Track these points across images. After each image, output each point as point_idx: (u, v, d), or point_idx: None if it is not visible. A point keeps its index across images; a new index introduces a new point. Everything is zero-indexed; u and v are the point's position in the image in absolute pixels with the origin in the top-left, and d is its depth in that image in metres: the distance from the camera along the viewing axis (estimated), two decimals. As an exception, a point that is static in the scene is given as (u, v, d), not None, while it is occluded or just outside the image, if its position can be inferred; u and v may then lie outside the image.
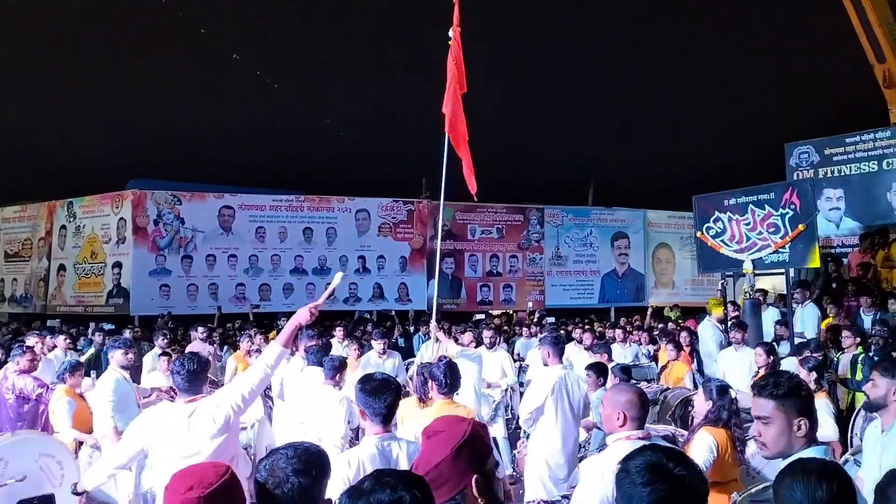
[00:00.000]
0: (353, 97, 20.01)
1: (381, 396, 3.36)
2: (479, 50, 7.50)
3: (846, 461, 4.39)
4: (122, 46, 17.91)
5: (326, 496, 2.16)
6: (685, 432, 5.07)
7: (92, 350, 10.21)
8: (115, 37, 17.46)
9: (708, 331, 9.93)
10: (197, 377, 3.82)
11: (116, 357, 6.06)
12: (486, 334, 8.59)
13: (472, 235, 20.04)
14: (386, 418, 3.40)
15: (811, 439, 2.48)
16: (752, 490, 3.71)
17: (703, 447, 4.06)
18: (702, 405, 4.39)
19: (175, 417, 3.69)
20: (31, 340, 7.76)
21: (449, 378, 4.61)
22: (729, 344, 8.70)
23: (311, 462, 2.09)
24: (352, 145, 20.90)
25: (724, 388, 4.42)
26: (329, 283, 4.08)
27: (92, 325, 12.85)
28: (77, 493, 3.82)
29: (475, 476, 2.07)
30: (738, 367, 7.77)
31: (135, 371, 9.11)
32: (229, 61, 17.34)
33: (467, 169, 7.15)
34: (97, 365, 10.99)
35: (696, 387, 8.02)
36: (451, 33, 6.98)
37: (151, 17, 16.74)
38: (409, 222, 19.37)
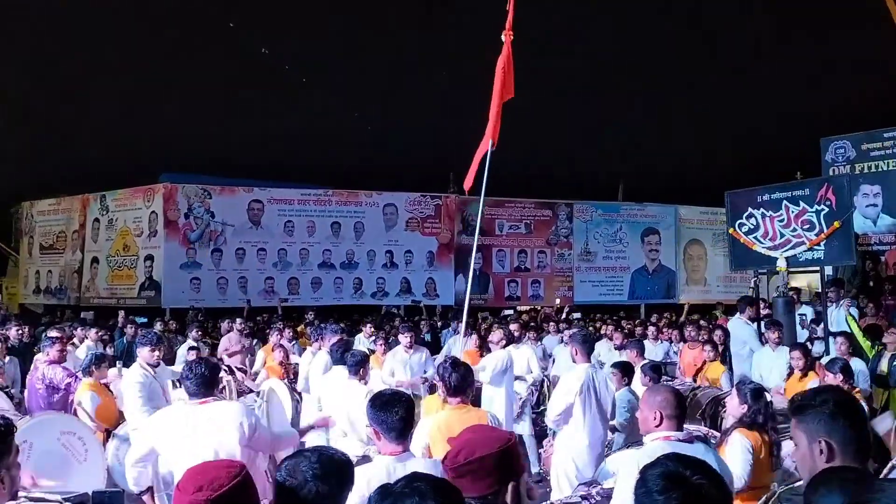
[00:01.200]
0: (382, 92, 20.01)
1: (393, 410, 3.16)
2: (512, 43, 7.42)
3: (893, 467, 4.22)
4: (155, 42, 18.10)
5: None
6: (717, 433, 4.96)
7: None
8: (148, 32, 17.65)
9: (740, 329, 9.73)
10: (206, 381, 3.81)
11: (143, 354, 5.96)
12: (513, 327, 8.52)
13: (499, 230, 19.94)
14: (401, 433, 3.18)
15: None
16: (795, 484, 3.61)
17: (740, 450, 3.96)
18: (736, 408, 4.29)
19: (187, 418, 3.71)
20: (53, 333, 7.85)
21: (454, 380, 4.32)
22: (762, 343, 8.52)
23: (332, 470, 2.05)
24: (379, 139, 20.93)
25: (758, 391, 4.32)
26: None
27: (120, 315, 12.98)
28: (141, 494, 3.89)
29: (513, 483, 2.07)
30: (775, 368, 7.59)
31: (168, 364, 9.23)
32: (259, 56, 17.45)
33: (474, 164, 7.23)
34: (129, 356, 11.18)
35: (730, 387, 7.88)
36: (503, 37, 7.04)
37: (182, 13, 16.89)
38: (437, 217, 19.33)
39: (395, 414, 3.17)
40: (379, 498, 1.67)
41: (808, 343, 8.09)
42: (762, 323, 9.08)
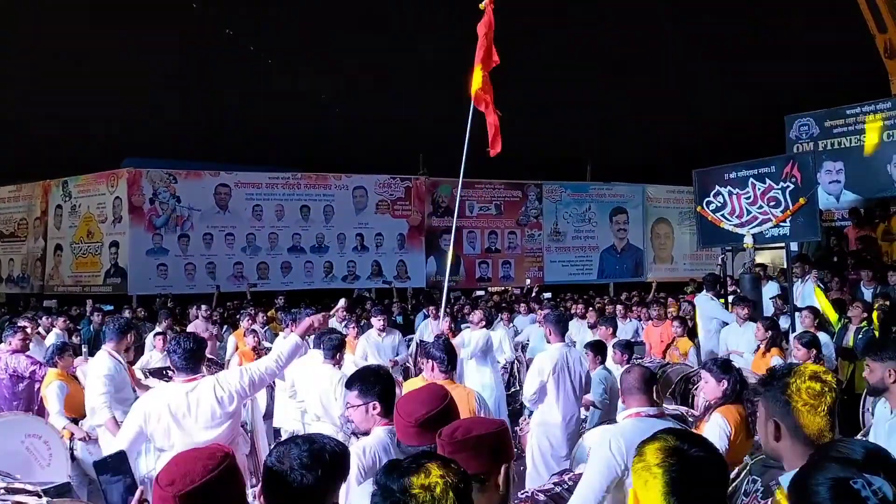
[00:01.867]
0: (350, 73, 19.80)
1: (375, 387, 3.21)
2: (477, 24, 7.39)
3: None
4: (115, 23, 17.66)
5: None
6: (694, 412, 5.04)
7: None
8: (108, 13, 17.21)
9: (707, 305, 9.89)
10: (194, 356, 3.77)
11: (111, 345, 5.75)
12: (476, 315, 8.55)
13: (470, 212, 19.95)
14: (387, 408, 3.19)
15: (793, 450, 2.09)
16: (760, 454, 3.68)
17: (715, 432, 4.01)
18: (714, 388, 4.29)
19: (175, 398, 3.65)
20: (23, 324, 7.69)
21: (446, 357, 4.53)
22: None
23: (321, 458, 2.00)
24: (348, 121, 20.72)
25: (727, 363, 4.38)
26: (335, 307, 4.12)
27: (89, 304, 12.77)
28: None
29: (505, 465, 2.10)
30: (742, 343, 7.73)
31: (136, 352, 9.10)
32: (223, 36, 17.13)
33: (493, 130, 7.37)
34: (97, 345, 11.00)
35: (699, 363, 8.01)
36: (482, 4, 7.09)
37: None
38: (407, 199, 19.27)
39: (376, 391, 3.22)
40: (385, 473, 1.68)
41: (774, 318, 8.23)
42: (729, 299, 9.24)
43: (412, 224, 19.24)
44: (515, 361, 8.79)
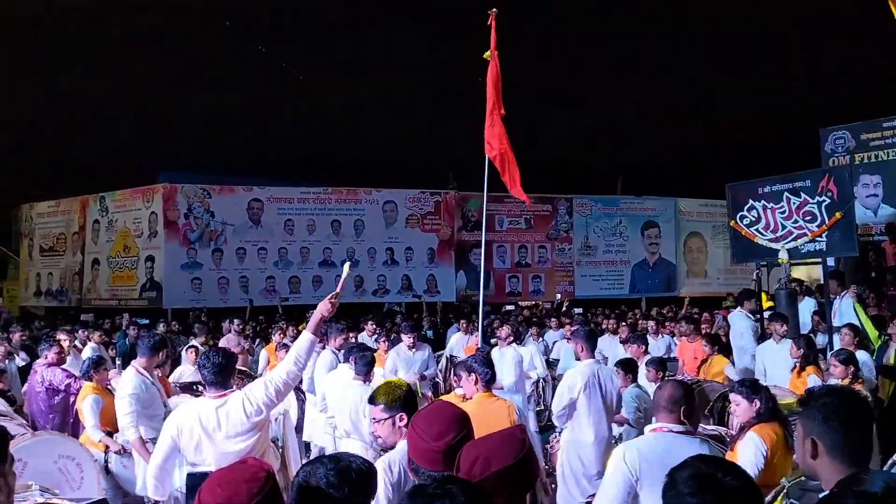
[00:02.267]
0: (381, 89, 19.96)
1: (399, 400, 3.23)
2: (508, 40, 7.42)
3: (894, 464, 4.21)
4: (150, 40, 18.04)
5: None
6: (731, 431, 4.95)
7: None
8: (144, 31, 17.58)
9: (741, 322, 9.74)
10: (224, 371, 3.80)
11: (141, 362, 5.77)
12: (504, 331, 8.50)
13: (499, 226, 19.94)
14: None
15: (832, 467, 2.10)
16: (802, 477, 3.61)
17: (751, 449, 3.94)
18: (747, 410, 4.23)
19: (205, 413, 3.69)
20: (60, 337, 7.85)
21: (485, 375, 4.60)
22: (762, 337, 8.51)
23: (348, 477, 2.00)
24: (379, 136, 20.87)
25: (755, 384, 4.33)
26: (339, 276, 4.07)
27: (125, 318, 13.00)
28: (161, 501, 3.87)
29: (528, 493, 2.11)
30: (779, 361, 7.57)
31: (172, 365, 9.23)
32: (257, 53, 17.39)
33: (515, 184, 7.47)
34: (132, 358, 11.17)
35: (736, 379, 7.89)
36: (487, 55, 7.20)
37: (180, 12, 16.82)
38: (437, 213, 19.32)
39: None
40: (410, 497, 1.68)
41: (811, 335, 8.06)
42: (765, 316, 9.07)
43: (442, 238, 19.29)
44: (541, 379, 8.70)
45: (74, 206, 19.41)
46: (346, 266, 4.15)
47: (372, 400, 3.49)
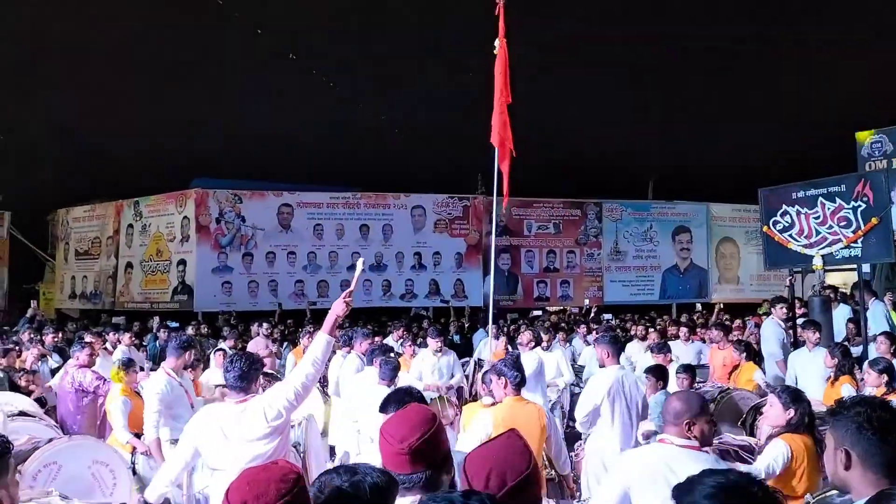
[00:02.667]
0: (407, 94, 20.02)
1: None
2: (536, 41, 7.36)
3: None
4: (181, 47, 18.32)
5: None
6: (760, 443, 4.85)
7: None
8: (174, 39, 17.87)
9: (771, 329, 9.54)
10: (247, 376, 3.82)
11: (170, 363, 5.97)
12: (525, 336, 8.42)
13: (528, 231, 19.86)
14: None
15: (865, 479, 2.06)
16: (826, 493, 3.51)
17: (774, 450, 3.87)
18: (779, 415, 4.14)
19: (226, 418, 3.71)
20: (88, 339, 7.96)
21: (515, 378, 4.59)
22: (795, 344, 8.33)
23: (360, 490, 1.97)
24: (407, 141, 20.93)
25: (797, 393, 4.23)
26: (354, 275, 4.05)
27: (155, 320, 13.19)
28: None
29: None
30: (812, 370, 7.39)
31: (204, 367, 9.32)
32: (286, 60, 17.56)
33: (506, 184, 7.34)
34: (162, 360, 11.32)
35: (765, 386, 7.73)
36: (496, 44, 7.09)
37: (209, 19, 17.07)
38: (465, 218, 19.31)
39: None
40: None
41: (845, 344, 7.86)
42: (798, 323, 8.88)
43: (470, 243, 19.26)
44: (568, 386, 8.59)
45: (109, 211, 19.77)
46: (360, 262, 4.13)
47: (383, 407, 3.47)
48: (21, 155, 19.68)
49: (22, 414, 6.05)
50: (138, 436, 6.03)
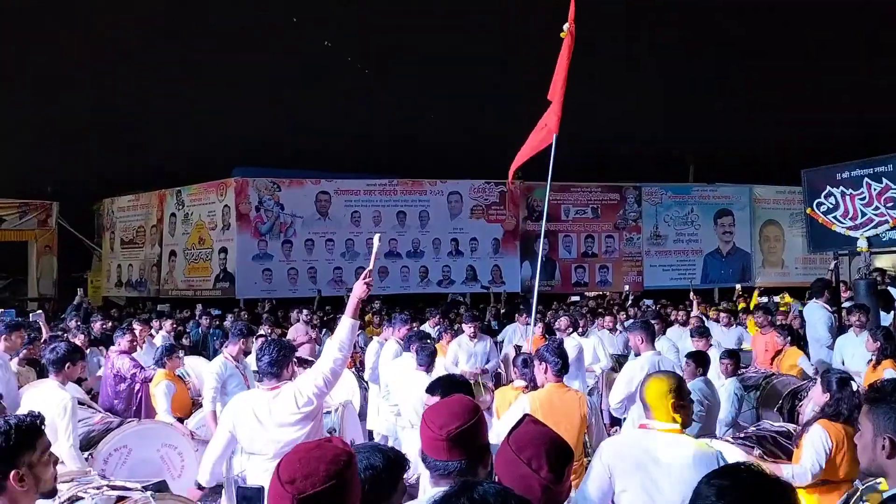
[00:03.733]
0: (445, 80, 19.98)
1: (456, 393, 3.07)
2: (577, 22, 7.23)
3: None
4: (222, 39, 18.55)
5: None
6: (796, 426, 4.76)
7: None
8: (214, 29, 18.11)
9: (816, 313, 9.32)
10: (279, 363, 3.89)
11: (230, 349, 6.33)
12: (563, 322, 8.36)
13: (566, 216, 19.71)
14: None
15: None
16: (876, 481, 3.42)
17: (814, 441, 3.78)
18: (819, 397, 4.09)
19: (259, 404, 3.79)
20: (137, 327, 8.15)
21: (560, 362, 4.52)
22: (841, 329, 8.13)
23: (370, 473, 1.98)
24: (443, 127, 20.91)
25: (845, 381, 4.11)
26: (372, 253, 4.08)
27: (198, 307, 13.46)
28: (200, 488, 4.00)
29: None
30: (857, 354, 7.21)
31: (244, 355, 9.51)
32: (322, 49, 17.66)
33: (528, 149, 7.14)
34: (205, 347, 11.57)
35: (810, 372, 7.58)
36: (565, 28, 6.89)
37: (246, 9, 17.25)
38: (502, 204, 19.24)
39: None
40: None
41: (889, 327, 7.64)
42: (844, 307, 8.67)
43: (507, 229, 19.19)
44: (604, 372, 8.51)
45: (152, 201, 20.18)
46: (377, 238, 4.14)
47: (430, 390, 3.49)
48: (68, 147, 20.19)
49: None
50: (181, 420, 6.20)
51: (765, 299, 13.74)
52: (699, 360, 6.05)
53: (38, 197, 21.12)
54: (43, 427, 2.29)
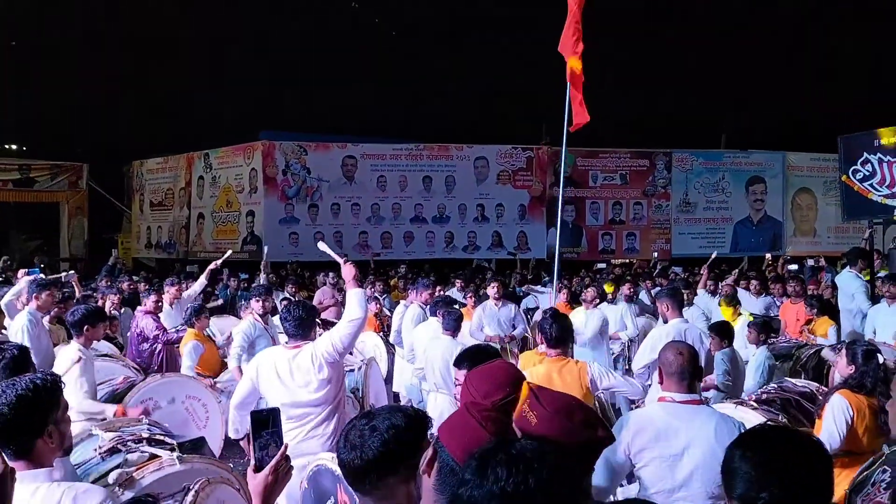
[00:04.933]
0: (472, 45, 19.72)
1: None
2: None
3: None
4: (251, 3, 18.49)
5: None
6: (825, 389, 4.70)
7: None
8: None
9: (852, 283, 9.13)
10: (303, 324, 3.98)
11: (252, 305, 6.64)
12: (590, 293, 8.28)
13: (593, 182, 19.48)
14: None
15: None
16: None
17: (835, 411, 3.73)
18: (843, 368, 4.03)
19: (280, 361, 3.89)
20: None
21: (554, 332, 4.29)
22: (874, 299, 7.96)
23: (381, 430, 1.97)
24: (470, 92, 20.68)
25: (871, 353, 4.02)
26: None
27: (225, 271, 13.57)
28: (238, 439, 4.17)
29: None
30: (890, 324, 7.08)
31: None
32: (349, 10, 17.49)
33: (577, 103, 7.05)
34: (232, 309, 11.70)
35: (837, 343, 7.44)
36: None
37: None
38: (529, 169, 19.05)
39: None
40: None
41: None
42: (879, 277, 8.48)
43: (533, 195, 19.04)
44: (629, 340, 8.46)
45: (181, 163, 20.31)
46: (321, 244, 4.62)
47: (458, 362, 3.47)
48: (98, 109, 20.32)
49: (104, 356, 6.37)
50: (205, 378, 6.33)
51: (794, 266, 13.52)
52: (723, 332, 5.94)
53: (68, 158, 21.37)
54: (63, 385, 2.34)
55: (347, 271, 4.11)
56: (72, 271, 9.79)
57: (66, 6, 18.22)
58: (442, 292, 9.00)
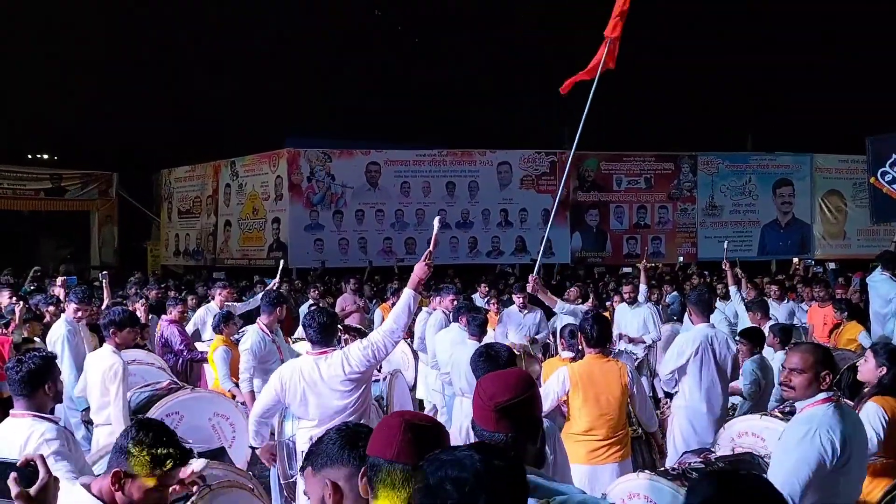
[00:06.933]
0: (493, 50, 19.73)
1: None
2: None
3: None
4: (274, 9, 18.67)
5: None
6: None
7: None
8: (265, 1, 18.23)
9: (884, 286, 8.98)
10: (327, 330, 3.99)
11: (263, 319, 6.23)
12: (626, 289, 8.29)
13: (617, 186, 19.39)
14: None
15: None
16: None
17: (870, 417, 3.67)
18: (871, 372, 3.96)
19: (307, 369, 3.89)
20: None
21: (595, 332, 4.52)
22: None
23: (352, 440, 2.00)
24: (493, 97, 20.69)
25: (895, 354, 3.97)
26: (432, 236, 4.08)
27: (256, 278, 13.76)
28: (253, 448, 4.19)
29: None
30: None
31: (294, 323, 9.69)
32: (372, 17, 17.61)
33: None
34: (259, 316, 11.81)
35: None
36: None
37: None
38: (552, 174, 19.02)
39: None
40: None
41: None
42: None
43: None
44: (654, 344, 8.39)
45: (208, 171, 20.59)
46: (437, 221, 4.13)
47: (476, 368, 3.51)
48: (127, 119, 20.65)
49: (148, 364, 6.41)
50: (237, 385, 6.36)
51: (820, 269, 13.35)
52: (754, 338, 5.85)
53: (98, 168, 21.75)
54: (56, 358, 3.47)
55: (418, 269, 4.02)
56: (105, 271, 9.85)
57: (97, 19, 18.58)
58: (468, 299, 9.03)
